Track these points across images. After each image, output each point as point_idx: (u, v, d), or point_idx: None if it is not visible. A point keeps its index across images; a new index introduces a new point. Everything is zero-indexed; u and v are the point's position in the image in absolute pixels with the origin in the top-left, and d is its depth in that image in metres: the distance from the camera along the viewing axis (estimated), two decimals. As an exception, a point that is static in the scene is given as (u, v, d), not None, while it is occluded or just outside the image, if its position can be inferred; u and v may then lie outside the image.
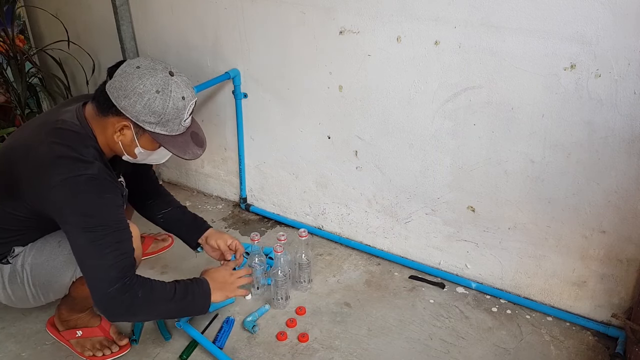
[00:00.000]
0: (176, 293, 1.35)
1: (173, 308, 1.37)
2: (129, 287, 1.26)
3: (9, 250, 1.40)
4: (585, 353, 1.58)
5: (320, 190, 2.08)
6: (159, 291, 1.33)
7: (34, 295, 1.44)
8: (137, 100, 1.25)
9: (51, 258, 1.39)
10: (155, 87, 1.26)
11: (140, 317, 1.37)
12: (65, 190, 1.22)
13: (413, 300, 1.79)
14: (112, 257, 1.24)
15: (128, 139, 1.32)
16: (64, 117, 1.32)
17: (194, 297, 1.40)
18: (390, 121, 1.77)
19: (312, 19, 1.76)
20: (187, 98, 1.31)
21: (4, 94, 2.54)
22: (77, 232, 1.24)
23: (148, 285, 1.31)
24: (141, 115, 1.27)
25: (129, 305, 1.28)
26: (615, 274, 1.59)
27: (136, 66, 1.27)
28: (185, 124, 1.35)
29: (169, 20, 2.12)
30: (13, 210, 1.33)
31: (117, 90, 1.26)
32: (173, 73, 1.30)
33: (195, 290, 1.41)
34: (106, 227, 1.24)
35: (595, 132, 1.45)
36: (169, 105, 1.27)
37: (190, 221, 1.71)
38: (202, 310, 1.43)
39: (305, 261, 1.79)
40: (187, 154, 1.36)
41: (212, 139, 2.28)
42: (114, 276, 1.24)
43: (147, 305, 1.31)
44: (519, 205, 1.66)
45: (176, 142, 1.34)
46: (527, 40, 1.43)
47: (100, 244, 1.23)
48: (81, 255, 1.27)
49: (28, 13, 2.63)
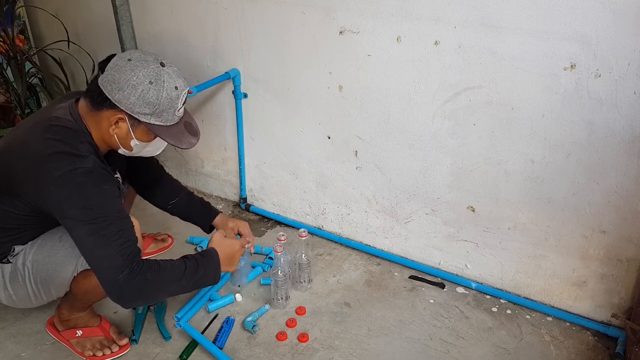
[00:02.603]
0: (187, 270, 1.35)
1: (185, 284, 1.36)
2: (138, 272, 1.26)
3: (9, 250, 1.40)
4: (585, 353, 1.58)
5: (320, 190, 2.08)
6: (169, 271, 1.32)
7: (36, 293, 1.44)
8: (131, 92, 1.26)
9: (52, 253, 1.40)
10: (149, 78, 1.27)
11: (153, 298, 1.38)
12: (63, 185, 1.23)
13: (413, 300, 1.79)
14: (116, 246, 1.24)
15: (124, 132, 1.33)
16: (58, 114, 1.32)
17: (205, 271, 1.39)
18: (390, 121, 1.77)
19: (312, 19, 1.77)
20: (180, 87, 1.32)
21: (4, 94, 2.54)
22: (79, 226, 1.24)
23: (155, 267, 1.30)
24: (136, 106, 1.27)
25: (140, 289, 1.27)
26: (615, 274, 1.59)
27: (127, 59, 1.28)
28: (179, 113, 1.36)
29: (169, 20, 2.12)
30: (12, 208, 1.33)
31: (111, 83, 1.27)
32: (164, 64, 1.31)
33: (206, 264, 1.40)
34: (107, 217, 1.25)
35: (595, 132, 1.45)
36: (162, 96, 1.28)
37: (198, 209, 1.74)
38: (213, 281, 1.43)
39: (305, 261, 1.79)
40: (183, 143, 1.37)
41: (212, 138, 2.29)
42: (121, 264, 1.24)
43: (158, 286, 1.31)
44: (519, 205, 1.66)
45: (171, 132, 1.35)
46: (527, 40, 1.43)
47: (103, 235, 1.24)
48: (86, 248, 1.27)
49: (28, 13, 2.63)
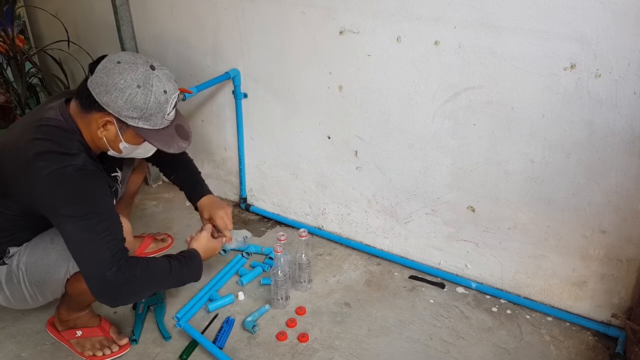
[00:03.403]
0: (172, 268, 1.39)
1: (170, 282, 1.43)
2: (126, 269, 1.26)
3: (4, 251, 1.40)
4: (585, 353, 1.58)
5: (320, 190, 2.08)
6: (156, 267, 1.36)
7: (32, 295, 1.44)
8: (119, 95, 1.25)
9: (44, 255, 1.39)
10: (137, 82, 1.26)
11: (140, 295, 1.41)
12: (53, 182, 1.23)
13: (413, 300, 1.79)
14: (105, 243, 1.24)
15: (112, 135, 1.33)
16: (48, 115, 1.32)
17: (189, 269, 1.45)
18: (390, 121, 1.77)
19: (312, 19, 1.77)
20: (170, 92, 1.32)
21: (4, 94, 2.54)
22: (68, 223, 1.24)
23: (144, 263, 1.32)
24: (123, 110, 1.27)
25: (129, 286, 1.28)
26: (615, 274, 1.59)
27: (117, 61, 1.28)
28: (169, 117, 1.36)
29: (169, 20, 2.12)
30: (5, 209, 1.33)
31: (99, 86, 1.27)
32: (154, 67, 1.30)
33: (189, 263, 1.46)
34: (96, 214, 1.24)
35: (595, 132, 1.45)
36: (150, 100, 1.28)
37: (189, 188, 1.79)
38: (195, 279, 1.49)
39: (305, 261, 1.79)
40: (172, 148, 1.37)
41: (212, 138, 2.29)
42: (109, 261, 1.24)
43: (146, 282, 1.33)
44: (519, 205, 1.66)
45: (160, 136, 1.35)
46: (527, 40, 1.43)
47: (92, 231, 1.23)
48: (74, 245, 1.26)
49: (28, 13, 2.64)
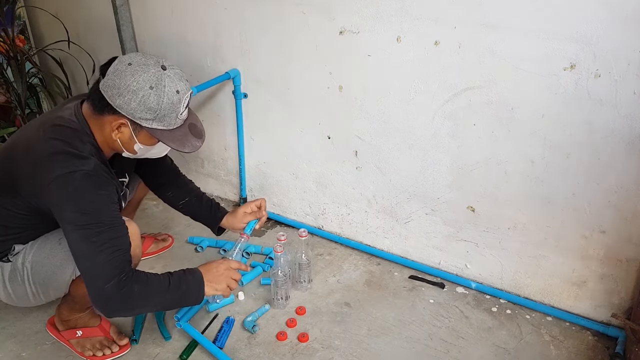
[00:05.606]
0: (171, 284, 1.34)
1: (168, 299, 1.35)
2: (125, 283, 1.26)
3: (10, 249, 1.40)
4: (585, 353, 1.58)
5: (320, 190, 2.08)
6: (154, 284, 1.33)
7: (34, 293, 1.44)
8: (132, 97, 1.25)
9: (51, 255, 1.39)
10: (149, 83, 1.25)
11: (136, 311, 1.38)
12: (61, 187, 1.23)
13: (413, 300, 1.79)
14: (106, 255, 1.24)
15: (126, 137, 1.33)
16: (63, 115, 1.32)
17: (187, 287, 1.38)
18: (390, 121, 1.77)
19: (312, 19, 1.76)
20: (182, 91, 1.31)
21: (4, 94, 2.54)
22: (72, 229, 1.24)
23: (143, 279, 1.31)
24: (137, 112, 1.27)
25: (125, 301, 1.27)
26: (615, 274, 1.59)
27: (128, 63, 1.27)
28: (182, 117, 1.35)
29: (170, 20, 2.12)
30: (13, 207, 1.34)
31: (111, 89, 1.26)
32: (165, 67, 1.29)
33: (189, 280, 1.39)
34: (100, 224, 1.24)
35: (595, 132, 1.45)
36: (164, 101, 1.27)
37: (206, 212, 1.73)
38: (196, 300, 1.41)
39: (305, 261, 1.79)
40: (187, 147, 1.36)
41: (212, 139, 2.28)
42: (110, 273, 1.24)
43: (143, 299, 1.31)
44: (519, 205, 1.66)
45: (174, 136, 1.34)
46: (527, 40, 1.43)
47: (94, 241, 1.23)
48: (77, 253, 1.26)
49: (28, 13, 2.63)
